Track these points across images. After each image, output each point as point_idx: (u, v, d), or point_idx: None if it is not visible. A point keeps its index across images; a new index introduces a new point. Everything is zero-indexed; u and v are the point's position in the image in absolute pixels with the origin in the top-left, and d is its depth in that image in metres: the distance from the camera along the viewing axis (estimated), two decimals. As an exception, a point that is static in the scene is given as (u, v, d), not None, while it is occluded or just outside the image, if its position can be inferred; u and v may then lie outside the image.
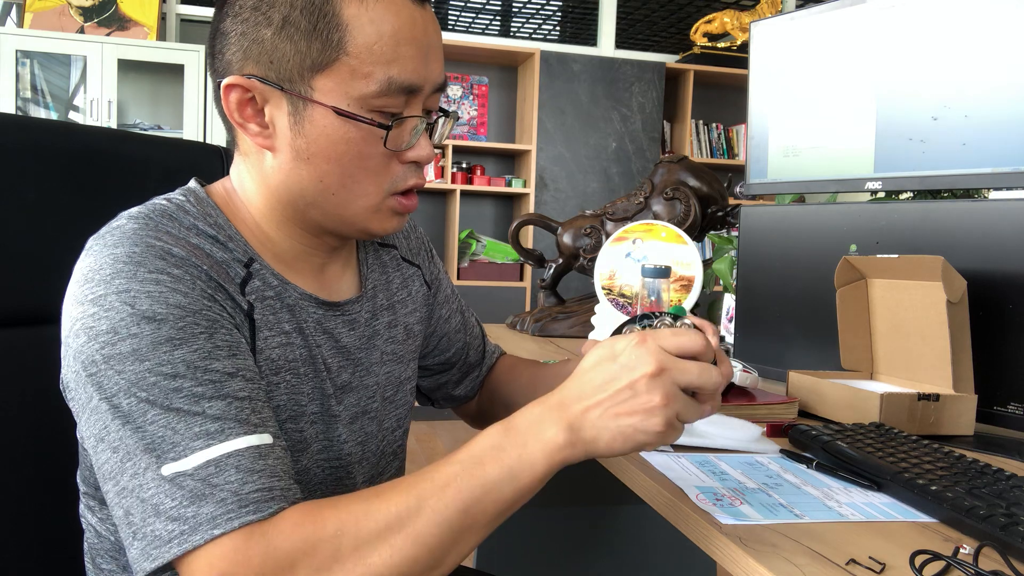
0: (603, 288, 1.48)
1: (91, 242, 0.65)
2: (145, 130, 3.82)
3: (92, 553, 0.76)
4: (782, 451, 0.87)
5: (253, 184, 0.74)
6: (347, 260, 0.83)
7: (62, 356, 0.64)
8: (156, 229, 0.65)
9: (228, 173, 0.77)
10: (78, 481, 0.76)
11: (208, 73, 0.74)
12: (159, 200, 0.70)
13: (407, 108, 0.70)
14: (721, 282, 1.87)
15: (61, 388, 0.67)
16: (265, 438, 0.61)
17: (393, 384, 0.85)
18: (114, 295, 0.60)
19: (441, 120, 0.76)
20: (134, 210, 0.68)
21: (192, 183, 0.75)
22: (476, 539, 0.59)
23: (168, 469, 0.57)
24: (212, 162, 1.00)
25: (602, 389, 0.59)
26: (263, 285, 0.71)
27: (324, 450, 0.76)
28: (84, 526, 0.76)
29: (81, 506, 0.76)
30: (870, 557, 0.59)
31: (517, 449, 0.59)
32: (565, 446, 0.59)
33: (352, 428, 0.79)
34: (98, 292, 0.61)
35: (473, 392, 1.05)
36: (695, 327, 0.66)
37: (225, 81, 0.68)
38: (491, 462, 0.59)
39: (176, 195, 0.72)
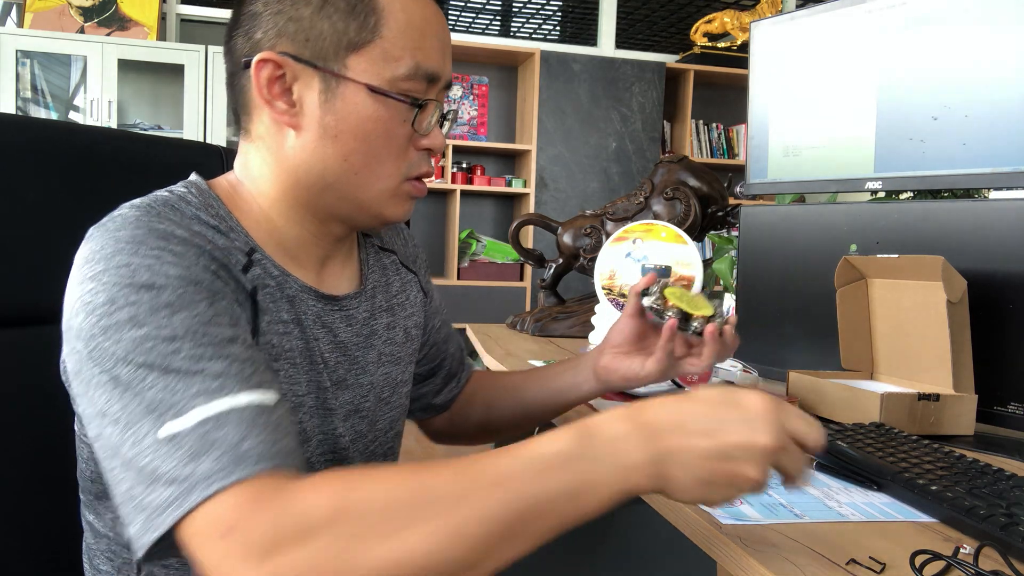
0: (603, 288, 1.48)
1: (92, 230, 0.64)
2: (145, 130, 3.82)
3: (90, 554, 0.76)
4: (782, 451, 0.87)
5: (266, 168, 0.74)
6: (347, 256, 0.83)
7: (64, 342, 0.62)
8: (159, 215, 0.65)
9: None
10: (78, 479, 0.76)
11: (225, 57, 0.75)
12: (161, 192, 0.70)
13: (426, 96, 0.74)
14: (721, 282, 1.87)
15: (61, 374, 0.66)
16: (269, 395, 0.58)
17: (390, 385, 0.85)
18: (113, 269, 0.59)
19: (449, 115, 0.80)
20: (136, 200, 0.68)
21: (193, 176, 0.75)
22: (516, 552, 0.53)
23: (166, 430, 0.53)
24: (212, 162, 1.00)
25: (709, 435, 0.53)
26: (264, 273, 0.71)
27: (322, 443, 0.76)
28: (84, 525, 0.76)
29: (81, 505, 0.76)
30: (870, 557, 0.59)
31: (588, 463, 0.52)
32: (643, 476, 0.53)
33: (346, 425, 0.79)
34: (97, 269, 0.60)
35: (450, 401, 1.04)
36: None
37: (258, 56, 0.70)
38: (557, 470, 0.52)
39: (178, 187, 0.72)
